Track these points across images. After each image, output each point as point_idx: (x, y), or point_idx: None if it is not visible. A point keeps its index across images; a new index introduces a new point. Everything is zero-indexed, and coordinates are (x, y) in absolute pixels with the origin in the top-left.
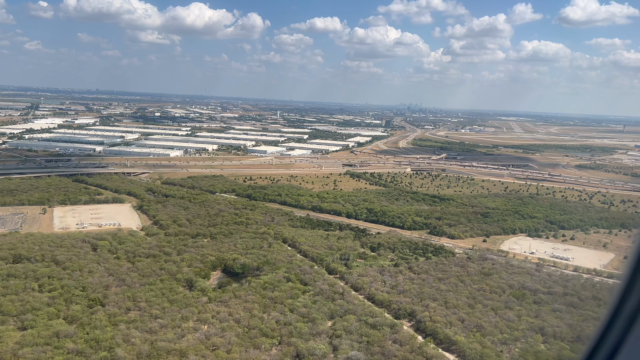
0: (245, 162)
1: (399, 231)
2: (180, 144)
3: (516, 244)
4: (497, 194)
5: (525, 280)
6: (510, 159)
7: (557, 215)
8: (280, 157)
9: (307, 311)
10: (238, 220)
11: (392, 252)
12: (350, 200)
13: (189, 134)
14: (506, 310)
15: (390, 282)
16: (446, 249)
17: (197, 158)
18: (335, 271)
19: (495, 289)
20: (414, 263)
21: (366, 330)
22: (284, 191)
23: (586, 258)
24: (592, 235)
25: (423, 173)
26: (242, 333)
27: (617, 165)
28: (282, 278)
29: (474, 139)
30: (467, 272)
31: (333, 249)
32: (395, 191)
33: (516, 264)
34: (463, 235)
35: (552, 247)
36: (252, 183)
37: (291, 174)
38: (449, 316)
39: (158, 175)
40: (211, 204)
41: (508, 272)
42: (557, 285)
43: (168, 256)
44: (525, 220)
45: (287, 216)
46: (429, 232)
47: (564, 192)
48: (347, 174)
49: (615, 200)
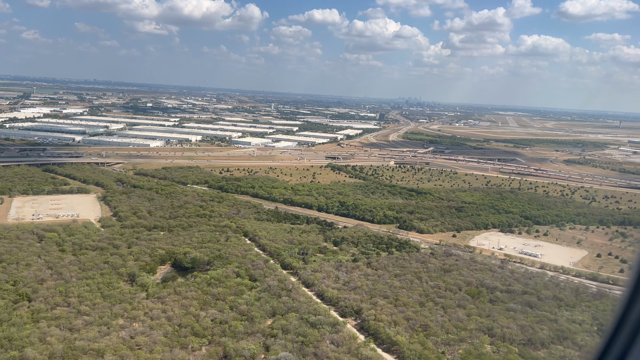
0: (226, 153)
1: (368, 225)
2: (163, 135)
3: (486, 239)
4: (477, 188)
5: (485, 278)
6: (498, 153)
7: (534, 211)
8: (263, 148)
9: (247, 309)
10: (201, 213)
11: (355, 247)
12: (324, 193)
13: (175, 125)
14: (457, 309)
15: (344, 278)
16: (411, 244)
17: (177, 149)
18: (290, 266)
19: (451, 287)
20: (374, 258)
21: (304, 330)
22: (257, 183)
23: (556, 255)
24: (567, 231)
25: (406, 166)
26: (172, 332)
27: (606, 160)
28: (231, 273)
29: (466, 132)
30: (427, 269)
31: (294, 243)
32: (373, 184)
33: (480, 260)
34: (432, 230)
35: (524, 243)
36: (227, 175)
37: (271, 166)
38: (395, 315)
39: (132, 165)
40: (178, 196)
41: (469, 269)
42: (518, 283)
43: (116, 249)
44: (500, 215)
45: (254, 209)
46: (398, 226)
47: (547, 187)
48: (328, 167)
49: (598, 195)
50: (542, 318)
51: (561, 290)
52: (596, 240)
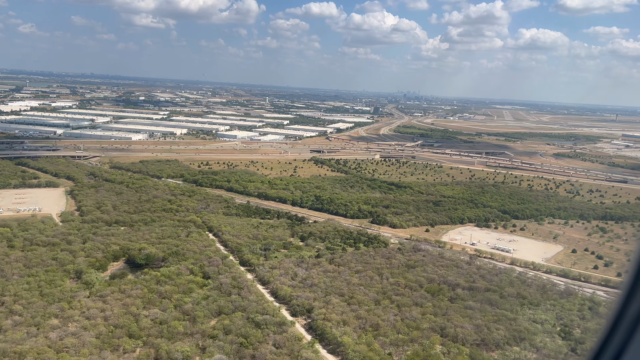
0: (209, 147)
1: (340, 219)
2: (148, 128)
3: (460, 234)
4: (460, 181)
5: (449, 274)
6: (488, 147)
7: (513, 205)
8: (247, 142)
9: (192, 308)
10: (168, 207)
11: (322, 242)
12: (301, 187)
13: (163, 118)
14: (413, 308)
15: (302, 275)
16: (380, 239)
17: (159, 142)
18: (248, 263)
19: (412, 284)
20: (339, 254)
21: (247, 330)
22: (234, 177)
23: (530, 250)
24: (545, 225)
25: (391, 160)
26: (106, 333)
27: (597, 154)
28: (184, 270)
29: (459, 126)
30: (391, 265)
31: (258, 239)
32: (353, 178)
33: (448, 255)
34: (406, 225)
35: (498, 237)
36: (206, 168)
37: (252, 160)
38: (347, 314)
39: (109, 159)
40: (148, 190)
41: (435, 265)
42: (483, 279)
43: (69, 245)
44: (477, 209)
45: (225, 203)
46: (371, 220)
47: (532, 181)
48: (312, 160)
49: (582, 189)
50: (501, 317)
51: (527, 288)
52: (574, 235)
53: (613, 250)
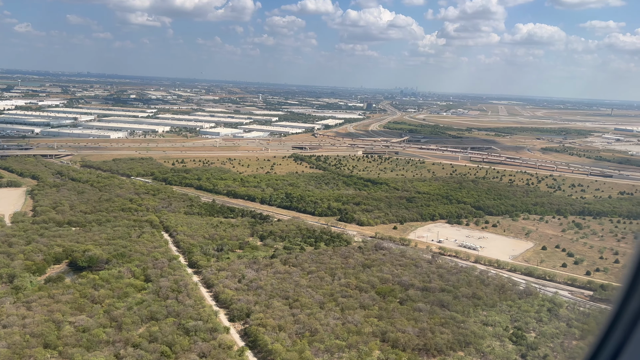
0: (189, 144)
1: (307, 217)
2: (130, 126)
3: (429, 231)
4: (439, 177)
5: (405, 274)
6: (475, 142)
7: (489, 201)
8: (229, 139)
9: (121, 314)
10: (127, 207)
11: (282, 241)
12: (274, 185)
13: (150, 116)
14: (358, 311)
15: (250, 277)
16: (343, 237)
17: (139, 140)
18: (197, 265)
19: (363, 284)
20: (295, 254)
21: (174, 338)
22: (205, 175)
23: (499, 247)
24: (520, 221)
25: (374, 156)
26: (20, 342)
27: (586, 148)
28: (126, 273)
29: (451, 121)
30: (347, 264)
31: (214, 239)
32: (330, 175)
33: (410, 254)
34: (374, 222)
35: (467, 235)
36: (180, 166)
37: (230, 157)
38: (285, 318)
39: (81, 157)
40: (112, 189)
41: (393, 264)
42: (440, 279)
43: (9, 247)
44: (450, 205)
45: (189, 202)
46: (339, 218)
47: (514, 176)
48: (292, 157)
49: (565, 184)
50: (449, 320)
51: (484, 288)
52: (548, 231)
53: (586, 247)
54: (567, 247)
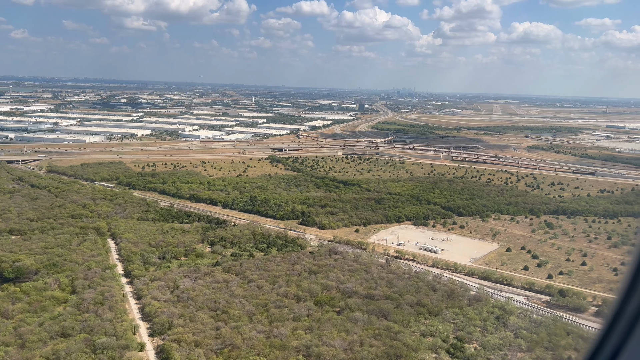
0: (165, 147)
1: (268, 221)
2: (110, 130)
3: (392, 233)
4: (415, 177)
5: (351, 280)
6: (462, 141)
7: (461, 201)
8: (209, 141)
9: (29, 330)
10: (78, 213)
11: (231, 247)
12: (241, 188)
13: (134, 120)
14: (288, 323)
15: (186, 287)
16: (298, 241)
17: (114, 144)
18: (132, 274)
19: (303, 293)
20: (242, 261)
21: (78, 357)
22: (171, 179)
23: (461, 250)
24: (489, 222)
25: (353, 157)
26: None
27: (574, 145)
28: (53, 284)
29: (442, 121)
30: (292, 271)
31: (159, 246)
32: (303, 176)
33: (364, 258)
34: (335, 225)
35: (431, 237)
36: (149, 170)
37: (204, 160)
38: (207, 332)
39: (48, 162)
40: (70, 194)
41: (342, 270)
42: (388, 286)
43: None
44: (419, 206)
45: (146, 207)
46: (300, 221)
47: (494, 175)
48: (269, 159)
49: (545, 182)
50: (384, 331)
51: (433, 294)
52: (517, 232)
53: (554, 249)
54: (534, 249)
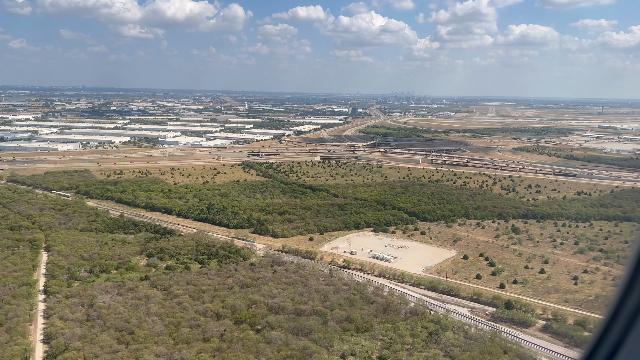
0: (138, 155)
1: (220, 230)
2: (91, 137)
3: (348, 241)
4: (387, 182)
5: (283, 294)
6: (447, 144)
7: (428, 205)
8: (184, 148)
9: None
10: (19, 225)
11: (170, 259)
12: (202, 195)
13: (117, 127)
14: (196, 344)
15: (101, 304)
16: (243, 252)
17: (87, 152)
18: (48, 291)
19: (224, 310)
20: (173, 274)
21: None
22: (132, 187)
23: (415, 258)
24: (454, 227)
25: (331, 161)
26: None
27: (561, 147)
28: None
29: (433, 124)
30: (224, 285)
31: (92, 259)
32: (272, 182)
33: (308, 269)
34: (289, 234)
35: (388, 244)
36: (115, 177)
37: (174, 166)
38: (102, 355)
39: (10, 172)
40: (18, 205)
41: (279, 283)
42: (322, 300)
43: None
44: (383, 212)
45: (94, 217)
46: (253, 230)
47: (471, 178)
48: (242, 165)
49: (522, 185)
50: (297, 352)
51: (367, 308)
52: (480, 237)
53: (514, 255)
54: (493, 256)
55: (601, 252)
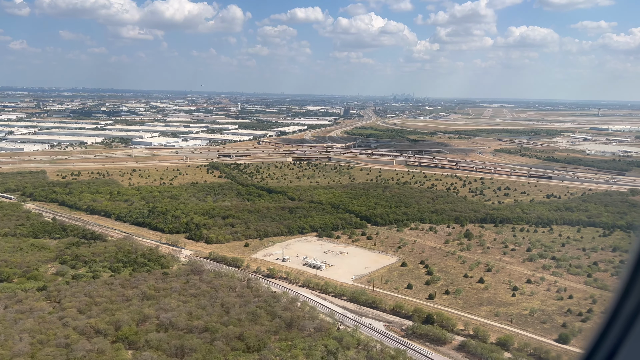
0: (104, 155)
1: (152, 235)
2: (67, 138)
3: (288, 247)
4: (352, 184)
5: (180, 307)
6: (429, 145)
7: (384, 209)
8: (155, 148)
9: None
10: None
11: (84, 267)
12: (150, 198)
13: (98, 127)
14: None
15: None
16: (163, 260)
17: (52, 152)
18: None
19: (106, 326)
20: (76, 284)
21: None
22: (79, 189)
23: (351, 265)
24: (405, 232)
25: (302, 163)
26: None
27: (546, 148)
28: None
29: (422, 125)
30: (124, 297)
31: None
32: (230, 184)
33: (225, 278)
34: (224, 239)
35: (327, 250)
36: (70, 178)
37: (135, 168)
38: None
39: None
40: None
41: (184, 294)
42: (223, 313)
43: None
44: (334, 215)
45: (23, 220)
46: (187, 235)
47: (440, 180)
48: (208, 166)
49: (491, 187)
50: None
51: (268, 324)
52: (428, 242)
53: (458, 262)
54: (435, 263)
55: (553, 259)
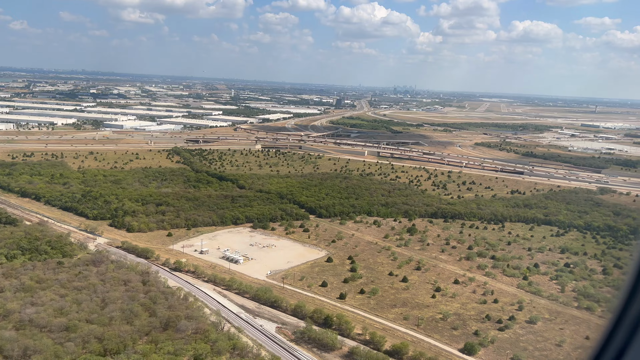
0: (69, 137)
1: (75, 221)
2: (31, 118)
3: (214, 238)
4: (310, 174)
5: (51, 301)
6: (410, 137)
7: (332, 200)
8: (123, 131)
9: None
10: None
11: None
12: (91, 182)
13: (77, 109)
14: None
15: None
16: (67, 248)
17: (14, 132)
18: None
19: None
20: None
21: None
22: (21, 170)
23: (275, 259)
24: (347, 224)
25: (270, 151)
26: None
27: (530, 143)
28: None
29: (410, 117)
30: None
31: None
32: (182, 170)
33: (124, 270)
34: (147, 228)
35: (254, 242)
36: (20, 160)
37: (93, 150)
38: None
39: None
40: None
41: (67, 288)
42: (99, 309)
43: None
44: (275, 206)
45: None
46: (110, 223)
47: (406, 172)
48: (169, 151)
49: (457, 181)
50: None
51: (144, 323)
52: (367, 237)
53: (389, 259)
54: (364, 259)
55: (492, 259)
